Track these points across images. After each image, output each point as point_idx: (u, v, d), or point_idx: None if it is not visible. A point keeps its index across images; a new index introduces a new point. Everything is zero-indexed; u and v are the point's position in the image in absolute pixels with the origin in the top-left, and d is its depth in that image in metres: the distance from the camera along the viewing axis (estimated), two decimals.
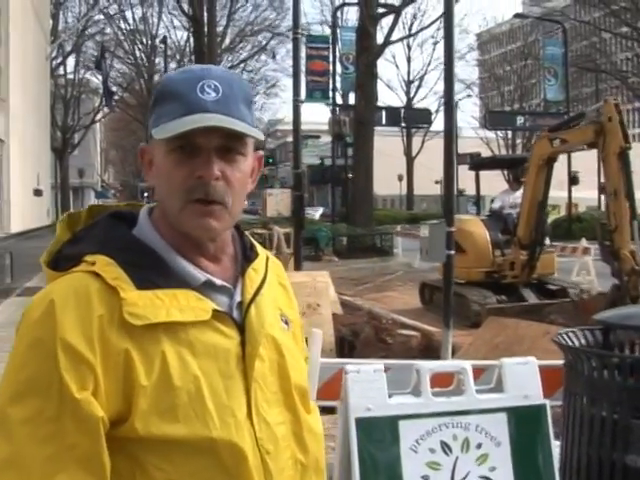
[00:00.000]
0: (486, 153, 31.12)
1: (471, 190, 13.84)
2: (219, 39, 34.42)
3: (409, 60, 50.19)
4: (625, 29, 40.14)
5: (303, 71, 22.79)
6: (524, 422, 2.50)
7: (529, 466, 2.47)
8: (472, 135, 48.15)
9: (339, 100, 29.89)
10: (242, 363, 1.23)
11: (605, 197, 9.31)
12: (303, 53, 23.92)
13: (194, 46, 31.00)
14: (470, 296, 10.37)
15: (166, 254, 1.24)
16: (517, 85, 51.24)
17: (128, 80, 44.85)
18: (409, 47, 49.23)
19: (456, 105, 13.07)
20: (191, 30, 32.09)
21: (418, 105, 45.73)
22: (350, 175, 27.83)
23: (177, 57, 41.05)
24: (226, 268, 1.30)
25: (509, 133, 45.87)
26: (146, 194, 41.08)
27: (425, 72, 49.78)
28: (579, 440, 2.88)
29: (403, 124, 34.85)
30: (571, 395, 2.96)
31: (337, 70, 27.63)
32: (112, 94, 35.65)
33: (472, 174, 12.58)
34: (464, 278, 10.57)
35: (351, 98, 29.52)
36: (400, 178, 50.87)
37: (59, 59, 40.71)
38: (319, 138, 53.33)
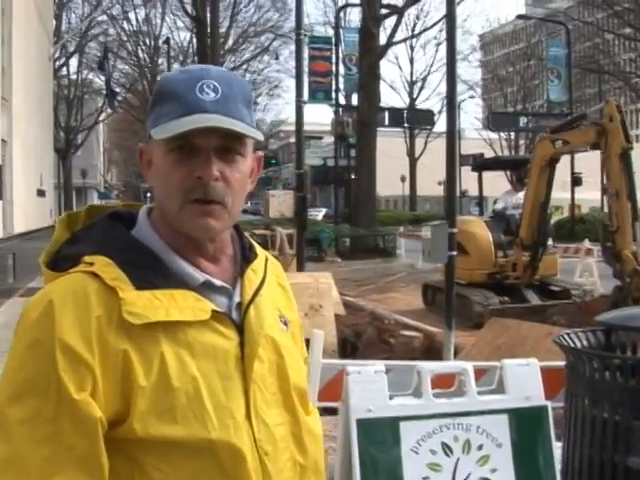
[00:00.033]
0: (489, 154, 31.00)
1: (474, 191, 13.83)
2: (222, 40, 34.39)
3: (412, 61, 50.32)
4: (628, 30, 40.18)
5: (306, 72, 22.87)
6: (525, 423, 2.49)
7: (530, 468, 2.47)
8: (475, 136, 48.26)
9: (342, 101, 29.87)
10: (241, 364, 1.22)
11: (607, 198, 9.29)
12: (306, 54, 23.95)
13: (197, 47, 31.06)
14: (472, 297, 10.34)
15: (165, 254, 1.24)
16: (520, 86, 51.32)
17: (131, 81, 44.90)
18: (412, 48, 49.28)
19: (459, 106, 13.06)
20: (194, 31, 32.10)
21: (421, 106, 45.70)
22: (353, 176, 27.85)
23: (180, 58, 41.05)
24: (225, 269, 1.30)
25: (512, 134, 45.89)
26: (149, 195, 41.13)
27: (428, 73, 49.74)
28: (581, 442, 2.87)
29: (406, 125, 34.99)
30: (573, 396, 2.95)
31: (340, 71, 27.61)
32: (115, 95, 35.68)
33: (475, 175, 12.54)
34: (466, 279, 10.54)
35: (354, 99, 29.58)
36: (403, 179, 50.95)
37: (62, 60, 40.86)
38: (322, 139, 53.39)
